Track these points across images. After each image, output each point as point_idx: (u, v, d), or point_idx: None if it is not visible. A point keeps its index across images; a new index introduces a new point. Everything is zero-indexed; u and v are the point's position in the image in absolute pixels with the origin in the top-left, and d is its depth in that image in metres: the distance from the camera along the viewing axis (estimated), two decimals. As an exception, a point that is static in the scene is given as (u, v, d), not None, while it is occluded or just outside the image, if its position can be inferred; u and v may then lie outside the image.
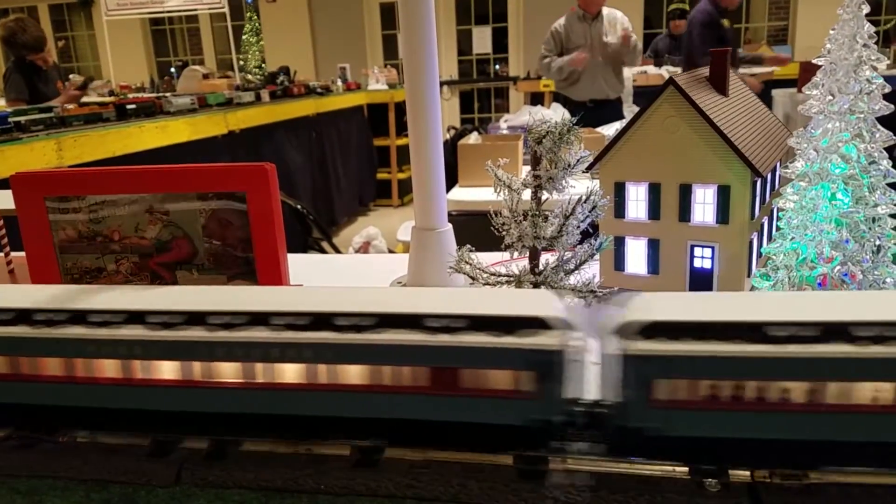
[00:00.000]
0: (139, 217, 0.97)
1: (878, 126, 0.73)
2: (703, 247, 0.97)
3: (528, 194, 0.90)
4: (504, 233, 0.89)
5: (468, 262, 0.93)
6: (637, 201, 1.01)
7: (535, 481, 0.65)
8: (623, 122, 2.25)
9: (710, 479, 0.63)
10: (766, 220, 1.05)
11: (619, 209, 1.02)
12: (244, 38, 8.87)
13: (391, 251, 4.17)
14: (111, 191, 0.96)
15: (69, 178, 0.99)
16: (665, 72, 6.12)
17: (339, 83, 7.60)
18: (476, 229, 1.11)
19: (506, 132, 3.63)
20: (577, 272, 0.89)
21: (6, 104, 4.54)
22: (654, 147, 0.98)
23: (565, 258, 0.89)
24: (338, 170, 6.59)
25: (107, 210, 0.97)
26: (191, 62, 10.06)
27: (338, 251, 3.73)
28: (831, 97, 0.72)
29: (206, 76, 6.58)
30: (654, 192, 0.99)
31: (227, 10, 6.54)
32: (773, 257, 0.79)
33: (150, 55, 10.93)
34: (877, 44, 0.72)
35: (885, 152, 0.73)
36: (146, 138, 3.67)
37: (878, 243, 0.73)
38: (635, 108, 4.47)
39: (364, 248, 4.32)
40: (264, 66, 8.64)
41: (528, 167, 0.90)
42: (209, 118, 4.40)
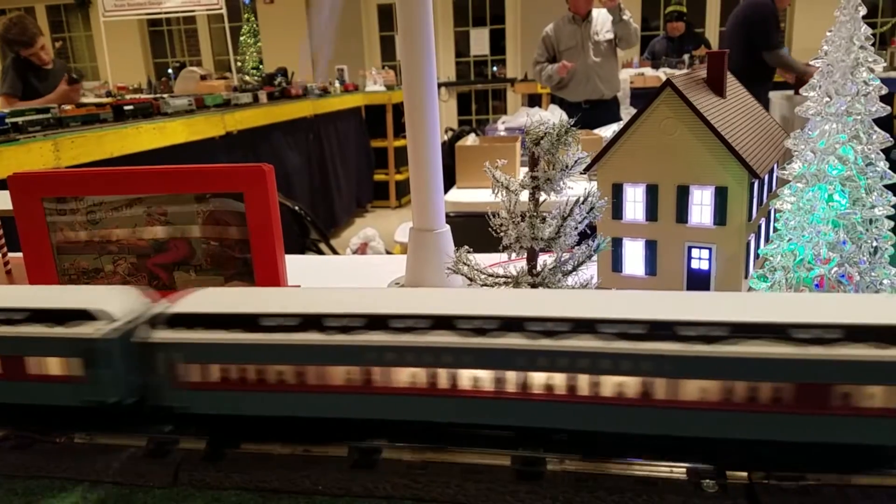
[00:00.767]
0: (137, 218, 0.97)
1: (875, 128, 0.73)
2: (700, 248, 0.97)
3: (525, 195, 0.91)
4: (502, 234, 0.90)
5: (466, 263, 0.93)
6: (634, 203, 1.01)
7: (533, 481, 0.65)
8: (620, 124, 2.26)
9: (707, 480, 0.63)
10: (763, 221, 1.05)
11: (617, 210, 1.02)
12: (242, 39, 8.87)
13: (389, 252, 4.17)
14: (109, 192, 0.96)
15: (67, 179, 0.99)
16: (662, 73, 6.13)
17: (337, 84, 7.60)
18: (474, 230, 1.11)
19: (503, 133, 3.64)
20: (574, 273, 0.89)
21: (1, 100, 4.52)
22: (651, 148, 0.98)
23: (563, 259, 0.90)
24: (336, 171, 6.59)
25: (104, 211, 0.97)
26: (188, 63, 10.05)
27: (335, 252, 3.73)
28: (828, 99, 0.73)
29: (204, 77, 6.58)
30: (652, 193, 0.99)
31: (224, 11, 6.54)
32: (771, 258, 0.79)
33: (147, 56, 10.91)
34: (874, 46, 0.72)
35: (881, 154, 0.73)
36: (143, 139, 3.67)
37: (875, 245, 0.74)
38: (633, 110, 4.47)
39: (362, 250, 4.32)
40: (262, 67, 8.64)
41: (526, 168, 0.90)
42: (207, 119, 4.39)
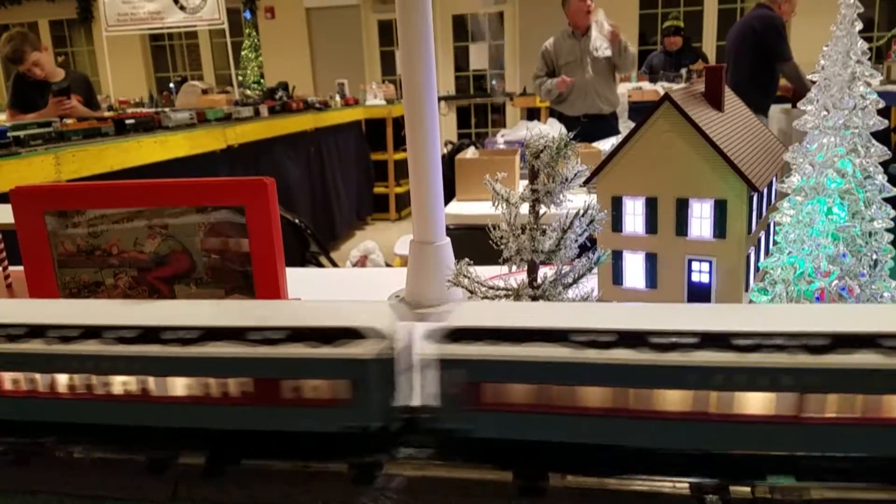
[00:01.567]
0: (138, 231, 0.97)
1: (873, 141, 0.73)
2: (700, 261, 0.97)
3: (525, 208, 0.91)
4: (502, 246, 0.90)
5: (466, 276, 0.93)
6: (634, 215, 1.02)
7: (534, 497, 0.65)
8: (619, 138, 2.26)
9: (711, 495, 0.63)
10: (762, 234, 1.05)
11: (617, 223, 1.03)
12: (243, 53, 8.93)
13: (388, 265, 4.17)
14: (111, 205, 0.97)
15: (69, 193, 0.99)
16: (660, 88, 6.17)
17: (338, 98, 7.64)
18: (473, 243, 1.11)
19: (503, 147, 3.65)
20: (575, 286, 0.89)
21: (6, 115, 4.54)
22: (650, 162, 0.99)
23: (563, 272, 0.90)
24: (336, 184, 6.61)
25: (106, 224, 0.97)
26: (190, 77, 10.11)
27: (335, 265, 3.73)
28: (826, 112, 0.73)
29: (205, 91, 6.61)
30: (651, 206, 0.99)
31: (226, 26, 6.59)
32: (771, 271, 0.80)
33: (149, 70, 10.98)
34: (870, 60, 0.73)
35: (880, 167, 0.73)
36: (145, 153, 3.68)
37: (875, 257, 0.74)
38: (631, 124, 4.49)
39: (361, 262, 4.32)
40: (263, 81, 8.69)
41: (526, 181, 0.90)
42: (208, 133, 4.41)
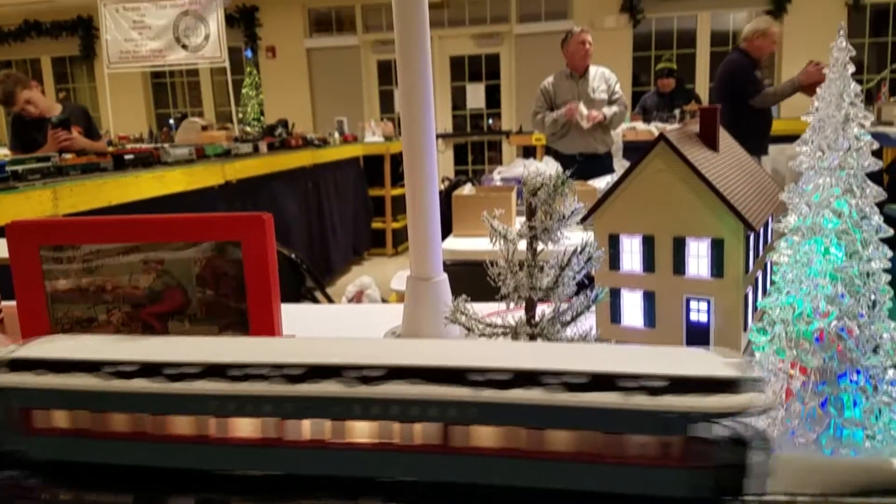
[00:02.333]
0: (133, 266, 0.97)
1: (869, 182, 0.74)
2: (699, 300, 0.97)
3: (523, 245, 0.91)
4: (500, 283, 0.89)
5: (463, 313, 0.92)
6: (631, 253, 1.02)
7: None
8: (615, 176, 2.28)
9: None
10: (760, 273, 1.05)
11: (614, 261, 1.02)
12: (244, 91, 9.06)
13: (385, 300, 4.15)
14: (107, 240, 0.96)
15: (65, 228, 0.99)
16: (654, 128, 6.26)
17: (337, 135, 7.73)
18: (470, 279, 1.11)
19: (499, 183, 3.68)
20: (573, 324, 0.89)
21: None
22: (646, 200, 0.99)
23: (561, 309, 0.89)
24: (333, 219, 6.63)
25: (101, 259, 0.97)
26: (190, 114, 10.22)
27: (331, 301, 3.71)
28: (821, 153, 0.74)
29: (205, 128, 6.67)
30: (649, 244, 1.00)
31: (227, 64, 6.69)
32: (770, 311, 0.79)
33: (149, 106, 11.11)
34: (862, 102, 0.74)
35: (875, 207, 0.74)
36: (143, 188, 3.70)
37: (873, 298, 0.74)
38: (626, 163, 4.55)
39: (358, 298, 4.30)
40: (263, 118, 8.80)
41: (522, 218, 0.90)
42: (206, 168, 4.44)
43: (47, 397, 0.67)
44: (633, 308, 1.03)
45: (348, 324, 1.46)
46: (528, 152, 7.72)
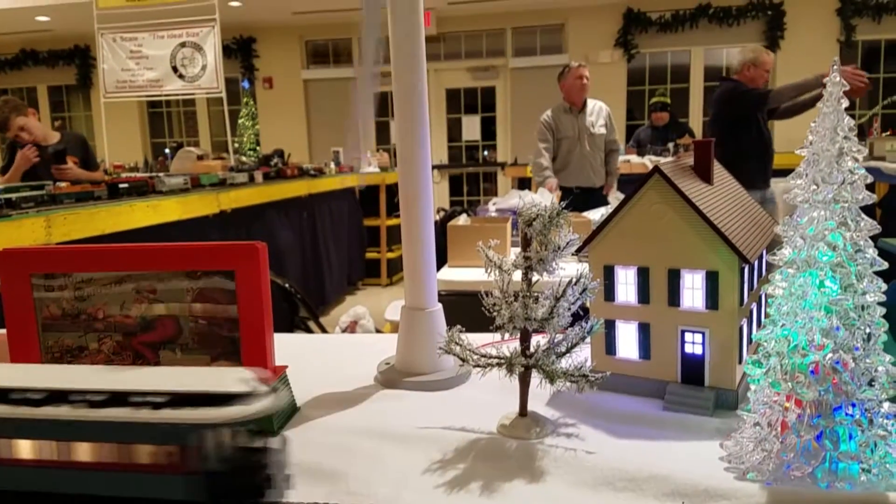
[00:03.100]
0: (125, 295, 0.96)
1: (863, 215, 0.74)
2: (693, 332, 0.97)
3: (518, 275, 0.91)
4: (495, 314, 0.89)
5: (458, 343, 0.92)
6: (626, 285, 1.02)
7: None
8: (609, 208, 2.30)
9: None
10: (755, 306, 1.05)
11: (609, 292, 1.02)
12: (240, 121, 9.13)
13: (379, 331, 4.12)
14: (99, 268, 0.95)
15: (57, 256, 0.98)
16: (648, 161, 6.32)
17: (332, 166, 7.77)
18: (465, 309, 1.10)
19: (494, 214, 3.69)
20: (568, 355, 0.88)
21: None
22: (641, 232, 0.99)
23: (556, 341, 0.89)
24: (328, 248, 6.62)
25: (93, 287, 0.96)
26: (186, 143, 10.27)
27: (324, 330, 3.69)
28: (815, 186, 0.74)
29: (201, 157, 6.70)
30: (643, 276, 1.00)
31: (224, 95, 6.74)
32: (765, 344, 0.79)
33: (145, 136, 11.16)
34: (856, 136, 0.75)
35: (870, 241, 0.74)
36: (137, 217, 3.69)
37: (868, 331, 0.73)
38: (620, 196, 4.58)
39: (351, 328, 4.27)
40: (259, 148, 8.84)
41: (518, 249, 0.90)
42: (201, 198, 4.44)
43: None
44: (627, 339, 1.02)
45: (341, 354, 1.44)
46: (524, 183, 7.77)
